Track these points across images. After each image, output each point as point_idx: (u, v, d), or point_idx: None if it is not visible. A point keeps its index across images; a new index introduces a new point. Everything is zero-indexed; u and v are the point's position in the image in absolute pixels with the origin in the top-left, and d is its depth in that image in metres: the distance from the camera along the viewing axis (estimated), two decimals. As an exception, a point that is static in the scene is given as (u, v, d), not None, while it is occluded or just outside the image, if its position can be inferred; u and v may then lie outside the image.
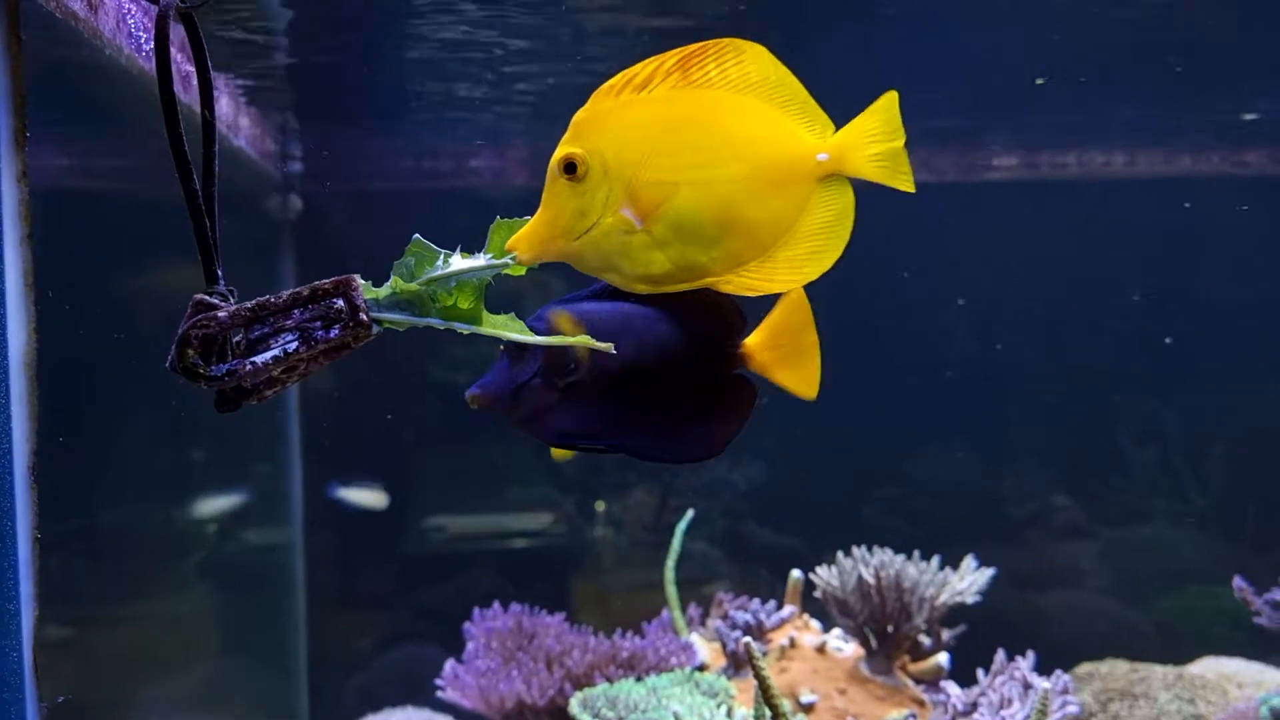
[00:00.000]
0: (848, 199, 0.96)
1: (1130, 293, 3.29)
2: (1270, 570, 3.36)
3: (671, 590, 2.23)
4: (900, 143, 0.95)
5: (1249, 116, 2.70)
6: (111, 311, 1.74)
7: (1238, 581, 2.22)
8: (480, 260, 0.95)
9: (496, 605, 2.24)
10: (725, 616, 2.23)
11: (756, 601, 2.17)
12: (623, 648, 2.05)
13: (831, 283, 0.98)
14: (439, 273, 0.94)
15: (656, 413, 1.03)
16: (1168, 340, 3.32)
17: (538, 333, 0.95)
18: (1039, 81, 2.41)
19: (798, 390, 1.05)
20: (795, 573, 2.21)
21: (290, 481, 2.94)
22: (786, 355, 1.04)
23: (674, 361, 1.01)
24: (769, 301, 1.04)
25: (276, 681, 2.86)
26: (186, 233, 1.00)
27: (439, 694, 2.15)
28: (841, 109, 0.97)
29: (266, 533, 2.88)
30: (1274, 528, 3.39)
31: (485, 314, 0.95)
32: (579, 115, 0.93)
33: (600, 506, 3.45)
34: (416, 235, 0.95)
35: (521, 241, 0.93)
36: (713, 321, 1.03)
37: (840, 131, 0.96)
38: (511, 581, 3.13)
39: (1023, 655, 1.87)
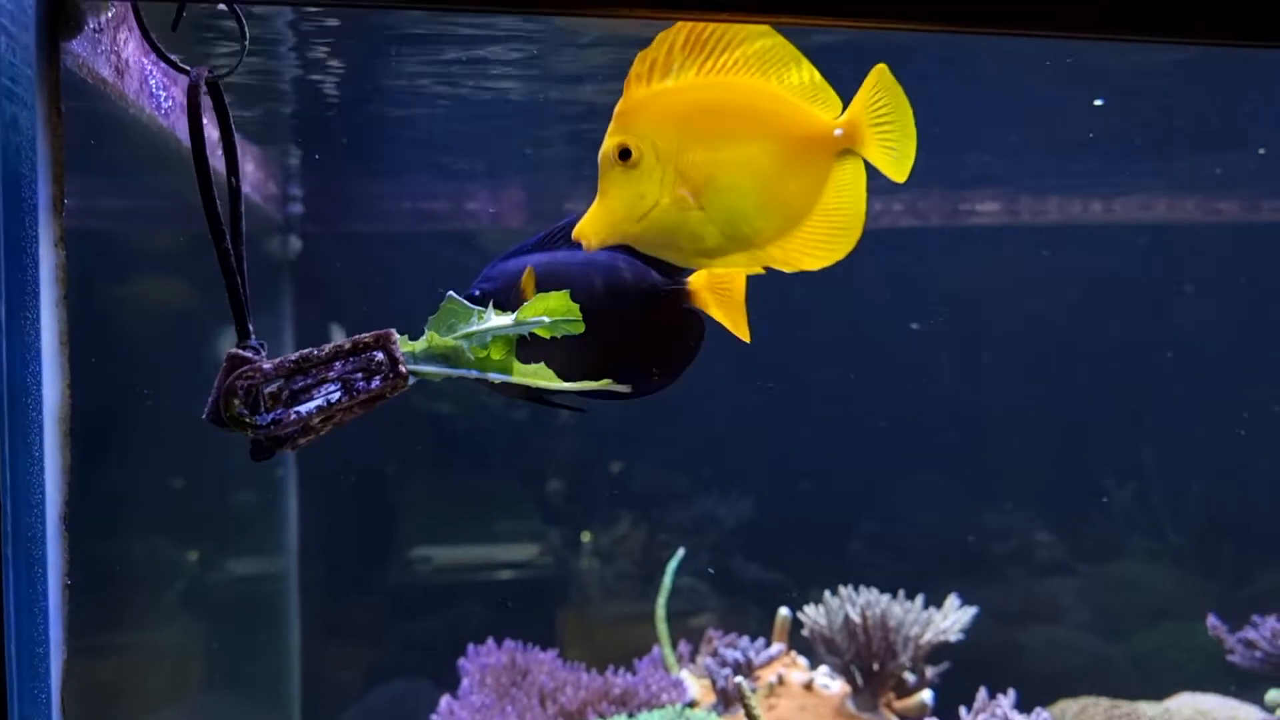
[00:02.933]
0: (859, 176, 1.03)
1: (1110, 332, 3.36)
2: (1245, 604, 3.43)
3: (662, 627, 2.28)
4: (909, 121, 1.01)
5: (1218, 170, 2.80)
6: (135, 365, 1.80)
7: (1212, 620, 2.28)
8: (510, 319, 1.02)
9: (490, 642, 2.28)
10: (715, 654, 2.28)
11: (745, 639, 2.22)
12: (615, 684, 2.09)
13: (822, 323, 1.05)
14: (474, 328, 1.02)
15: (617, 351, 1.10)
16: (1148, 376, 3.39)
17: (495, 287, 1.02)
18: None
19: (732, 328, 1.12)
20: (783, 610, 2.26)
21: (285, 512, 2.97)
22: (722, 296, 1.12)
23: (630, 300, 1.09)
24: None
25: (271, 714, 2.89)
26: (204, 279, 1.05)
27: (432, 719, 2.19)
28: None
29: (260, 563, 2.91)
30: (1249, 563, 3.46)
31: (516, 364, 1.02)
32: (621, 106, 1.00)
33: (586, 537, 3.49)
34: (451, 292, 1.02)
35: (588, 227, 0.99)
36: (658, 262, 1.10)
37: (849, 108, 1.03)
38: (498, 613, 3.17)
39: (1004, 693, 1.92)
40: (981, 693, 1.94)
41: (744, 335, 1.10)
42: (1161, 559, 3.53)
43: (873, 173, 1.04)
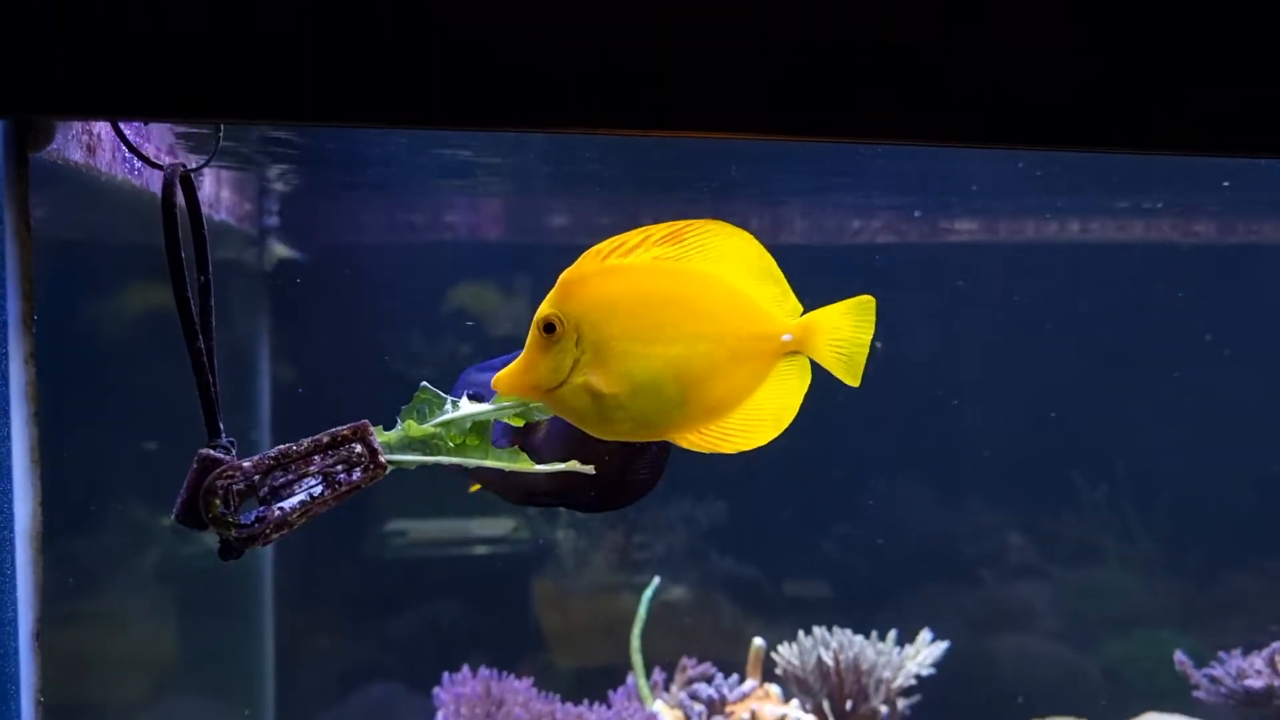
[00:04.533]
0: (804, 374, 1.03)
1: (1084, 336, 3.38)
2: (1214, 608, 3.49)
3: (637, 658, 2.29)
4: (864, 342, 1.02)
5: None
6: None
7: (1179, 656, 2.32)
8: (487, 406, 1.03)
9: (465, 670, 2.30)
10: (689, 682, 2.30)
11: (719, 675, 2.24)
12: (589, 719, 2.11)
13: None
14: (449, 417, 1.02)
15: (596, 466, 1.12)
16: (1122, 377, 3.42)
17: (486, 394, 1.03)
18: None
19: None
20: (758, 641, 2.28)
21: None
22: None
23: None
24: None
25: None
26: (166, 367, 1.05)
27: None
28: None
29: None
30: (1216, 566, 3.51)
31: (491, 449, 1.03)
32: (565, 275, 0.99)
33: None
34: (424, 383, 1.03)
35: (502, 382, 1.00)
36: None
37: (810, 314, 1.03)
38: (472, 586, 3.17)
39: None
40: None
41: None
42: (1132, 563, 3.57)
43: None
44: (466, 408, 1.03)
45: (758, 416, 1.02)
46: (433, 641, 3.16)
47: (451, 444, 1.03)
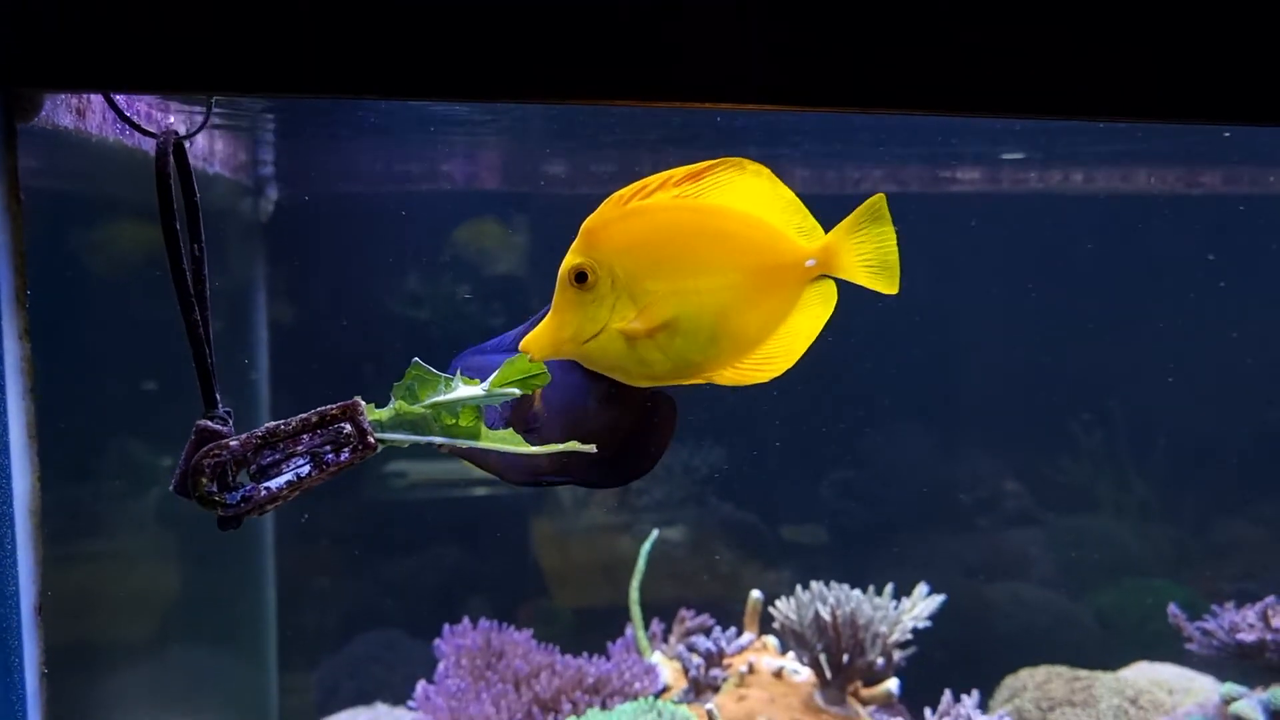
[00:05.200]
0: (830, 299, 1.03)
1: (1082, 284, 3.37)
2: (1207, 554, 3.52)
3: (636, 610, 2.31)
4: (891, 245, 1.01)
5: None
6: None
7: (1172, 609, 2.33)
8: (481, 389, 1.01)
9: (466, 621, 2.32)
10: (687, 634, 2.32)
11: (717, 628, 2.26)
12: (589, 672, 2.13)
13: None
14: (442, 398, 1.00)
15: (598, 444, 1.12)
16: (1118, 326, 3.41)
17: (484, 375, 1.02)
18: None
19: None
20: (755, 594, 2.30)
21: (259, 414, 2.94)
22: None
23: (602, 396, 1.09)
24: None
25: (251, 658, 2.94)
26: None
27: (410, 705, 2.23)
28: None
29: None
30: (1210, 513, 3.53)
31: (484, 429, 1.02)
32: (588, 223, 0.98)
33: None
34: (416, 359, 1.01)
35: (533, 344, 0.99)
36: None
37: (829, 234, 1.02)
38: (473, 528, 3.18)
39: (968, 694, 1.97)
40: (946, 695, 1.99)
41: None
42: (1127, 510, 3.59)
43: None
44: (461, 390, 1.01)
45: (783, 345, 1.02)
46: (434, 584, 3.18)
47: (444, 424, 1.01)
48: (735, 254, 0.99)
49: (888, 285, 1.01)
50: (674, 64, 0.94)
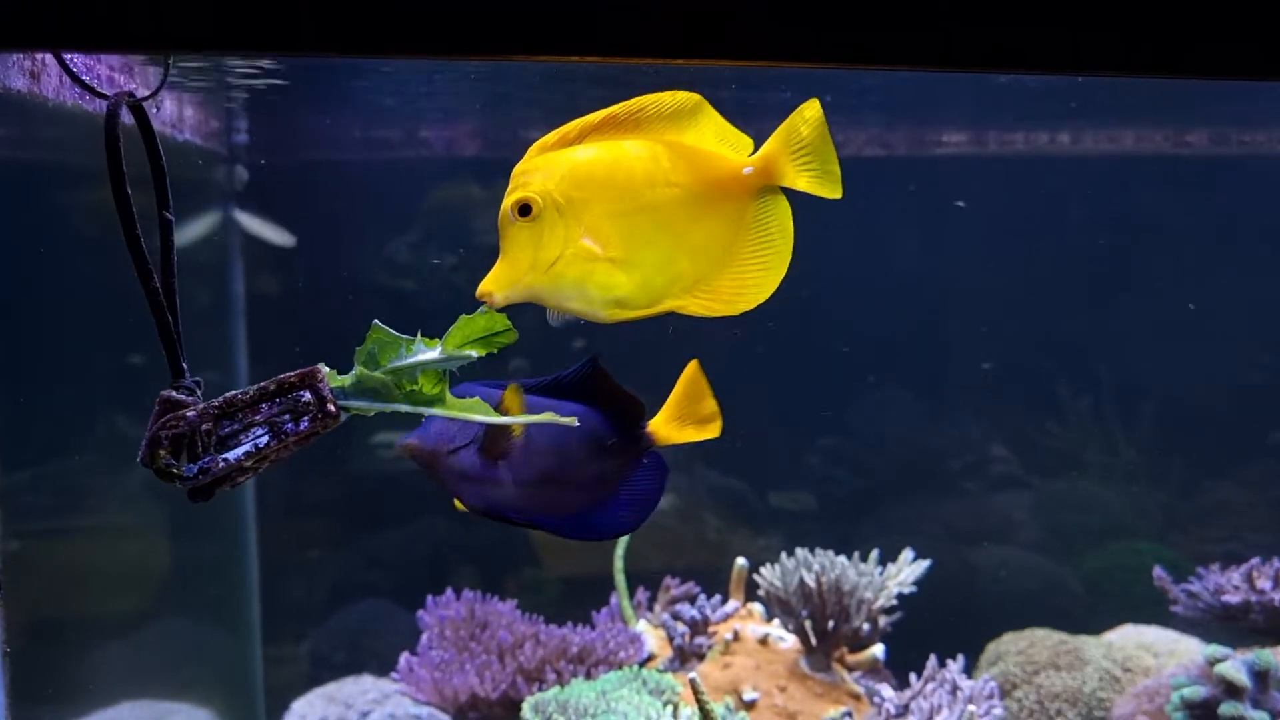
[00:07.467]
0: (784, 213, 1.02)
1: (1070, 248, 3.35)
2: (1193, 517, 3.52)
3: (620, 579, 2.30)
4: (829, 150, 1.00)
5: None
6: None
7: (1158, 571, 2.33)
8: (437, 352, 0.97)
9: (449, 592, 2.30)
10: (672, 602, 2.31)
11: (702, 596, 2.24)
12: (573, 642, 2.12)
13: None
14: (403, 363, 0.97)
15: (573, 496, 1.09)
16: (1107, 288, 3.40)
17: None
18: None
19: (703, 438, 1.11)
20: (740, 561, 2.29)
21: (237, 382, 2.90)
22: (689, 423, 1.11)
23: (593, 448, 1.07)
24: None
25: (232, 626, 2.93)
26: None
27: (393, 677, 2.22)
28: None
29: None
30: (1196, 477, 3.53)
31: (449, 396, 0.99)
32: (518, 167, 0.98)
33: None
34: (376, 322, 0.97)
35: (491, 284, 0.96)
36: (616, 413, 1.09)
37: (766, 144, 1.01)
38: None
39: (953, 659, 1.96)
40: (931, 660, 1.98)
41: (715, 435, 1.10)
42: (1114, 474, 3.59)
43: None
44: (421, 353, 0.98)
45: (750, 270, 1.01)
46: (422, 554, 3.16)
47: (407, 390, 0.98)
48: (669, 171, 0.98)
49: (831, 190, 1.00)
50: (652, 20, 0.91)
